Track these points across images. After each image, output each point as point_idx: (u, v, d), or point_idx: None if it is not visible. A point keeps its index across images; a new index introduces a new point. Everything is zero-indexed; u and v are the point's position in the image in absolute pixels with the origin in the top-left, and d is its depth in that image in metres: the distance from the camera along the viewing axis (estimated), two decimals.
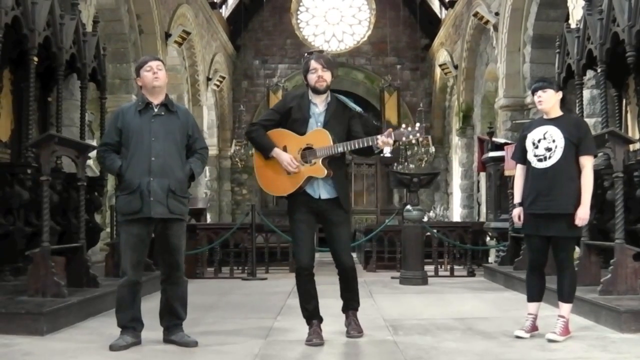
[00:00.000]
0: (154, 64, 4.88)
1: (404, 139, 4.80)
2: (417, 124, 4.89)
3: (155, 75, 4.83)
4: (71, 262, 6.66)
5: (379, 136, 4.73)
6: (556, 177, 4.88)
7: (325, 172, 4.76)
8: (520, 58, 13.51)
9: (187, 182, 4.89)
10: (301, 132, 4.84)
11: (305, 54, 5.08)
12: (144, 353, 4.57)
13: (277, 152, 4.81)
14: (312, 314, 4.94)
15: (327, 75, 4.86)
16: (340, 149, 4.77)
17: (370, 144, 4.76)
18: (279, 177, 4.85)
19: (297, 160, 4.78)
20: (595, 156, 5.31)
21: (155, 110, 4.83)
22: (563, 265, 4.97)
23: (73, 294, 5.98)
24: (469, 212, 18.44)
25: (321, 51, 5.61)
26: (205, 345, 4.75)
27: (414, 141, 4.86)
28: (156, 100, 4.87)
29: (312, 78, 4.87)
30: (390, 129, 4.84)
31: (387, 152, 4.94)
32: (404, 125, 4.88)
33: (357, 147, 4.78)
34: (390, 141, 4.72)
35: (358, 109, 5.01)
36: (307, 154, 4.78)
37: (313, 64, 4.87)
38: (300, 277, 4.90)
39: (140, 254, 4.80)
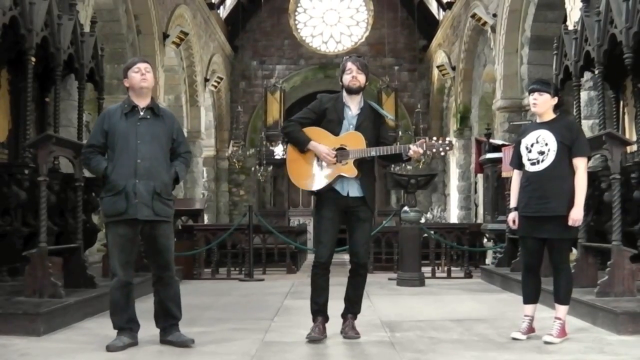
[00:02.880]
0: (142, 65, 4.90)
1: (434, 150, 5.02)
2: (448, 139, 5.06)
3: (143, 77, 4.85)
4: (68, 262, 6.66)
5: (411, 145, 4.95)
6: (549, 179, 4.91)
7: (356, 172, 4.93)
8: (518, 59, 13.53)
9: (172, 184, 4.91)
10: (335, 132, 5.01)
11: (344, 58, 5.29)
12: (141, 354, 4.56)
13: (313, 144, 4.98)
14: (320, 308, 5.03)
15: (361, 77, 5.06)
16: (372, 153, 4.95)
17: (402, 151, 4.95)
18: (310, 171, 5.02)
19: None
20: (589, 158, 5.33)
21: (142, 113, 4.84)
22: (559, 267, 4.99)
23: (70, 294, 5.98)
24: (466, 214, 18.45)
25: (359, 56, 5.89)
26: (202, 346, 4.74)
27: (442, 153, 5.00)
28: (142, 103, 4.87)
29: (346, 78, 5.06)
30: (423, 140, 5.05)
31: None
32: (434, 138, 5.04)
33: (389, 152, 4.96)
34: (421, 151, 4.95)
35: (389, 116, 5.26)
36: (340, 153, 4.93)
37: (349, 65, 5.09)
38: (317, 270, 5.03)
39: (128, 254, 4.80)
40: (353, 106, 5.07)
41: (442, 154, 5.10)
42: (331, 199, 5.00)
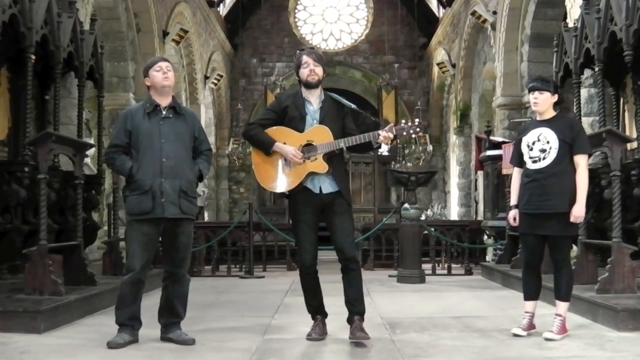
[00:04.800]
0: (163, 64, 4.92)
1: (404, 133, 4.86)
2: (417, 120, 4.90)
3: (165, 76, 4.87)
4: (68, 260, 6.66)
5: (380, 131, 4.77)
6: (550, 177, 4.91)
7: (326, 168, 4.78)
8: (518, 57, 13.53)
9: (196, 182, 4.94)
10: (299, 129, 4.85)
11: (297, 52, 5.11)
12: (142, 350, 4.57)
13: (279, 146, 4.82)
14: (317, 309, 5.00)
15: (319, 70, 4.88)
16: (341, 145, 4.78)
17: (371, 139, 4.78)
18: (278, 173, 4.87)
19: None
20: (589, 155, 5.34)
21: (164, 112, 4.86)
22: (560, 264, 4.99)
23: (70, 292, 5.98)
24: (466, 211, 18.46)
25: (312, 48, 5.68)
26: (203, 343, 4.75)
27: (413, 136, 4.84)
28: (164, 102, 4.89)
29: (304, 72, 4.89)
30: (391, 124, 4.89)
31: (385, 148, 4.96)
32: (403, 121, 4.90)
33: (358, 142, 4.79)
34: (391, 136, 4.77)
35: (352, 105, 5.02)
36: (307, 149, 4.79)
37: (305, 58, 4.91)
38: (304, 275, 4.95)
39: (149, 252, 4.84)
40: (313, 100, 4.91)
41: (414, 136, 4.97)
42: (305, 199, 4.84)
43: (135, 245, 4.78)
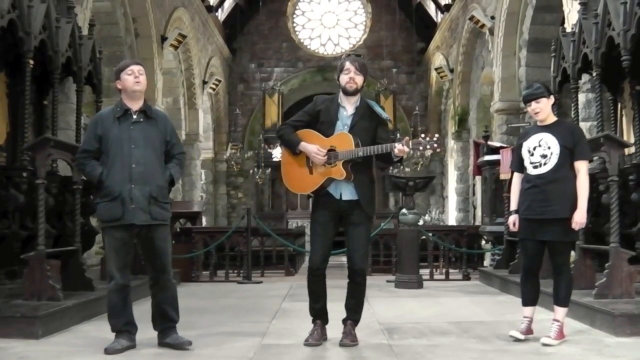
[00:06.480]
0: (135, 67, 4.84)
1: (420, 148, 4.82)
2: (436, 135, 4.88)
3: (136, 80, 4.79)
4: (66, 265, 6.65)
5: (396, 144, 4.75)
6: (551, 182, 4.91)
7: (345, 174, 4.81)
8: (516, 62, 13.55)
9: (167, 187, 4.90)
10: (328, 134, 4.89)
11: (343, 56, 5.10)
12: (139, 356, 4.56)
13: (303, 145, 4.87)
14: (318, 313, 5.01)
15: (359, 79, 4.92)
16: (360, 153, 4.79)
17: (388, 150, 4.77)
18: (302, 175, 4.92)
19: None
20: (590, 161, 5.34)
21: (134, 117, 4.80)
22: (560, 270, 4.99)
23: (68, 297, 5.98)
24: (464, 216, 18.46)
25: (358, 55, 5.65)
26: (200, 349, 4.74)
27: (431, 151, 4.83)
28: (135, 106, 4.83)
29: (343, 79, 4.93)
30: (407, 137, 4.89)
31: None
32: (422, 135, 4.88)
33: (376, 152, 4.80)
34: (407, 150, 4.75)
35: (384, 115, 5.02)
36: (330, 155, 4.82)
37: (347, 65, 4.94)
38: (311, 276, 4.98)
39: (124, 257, 4.80)
40: (349, 106, 4.94)
41: (431, 151, 4.97)
42: (325, 203, 4.90)
43: (111, 252, 4.76)
